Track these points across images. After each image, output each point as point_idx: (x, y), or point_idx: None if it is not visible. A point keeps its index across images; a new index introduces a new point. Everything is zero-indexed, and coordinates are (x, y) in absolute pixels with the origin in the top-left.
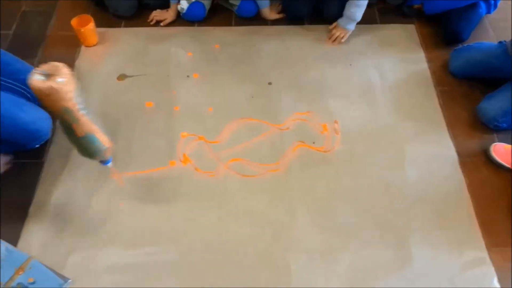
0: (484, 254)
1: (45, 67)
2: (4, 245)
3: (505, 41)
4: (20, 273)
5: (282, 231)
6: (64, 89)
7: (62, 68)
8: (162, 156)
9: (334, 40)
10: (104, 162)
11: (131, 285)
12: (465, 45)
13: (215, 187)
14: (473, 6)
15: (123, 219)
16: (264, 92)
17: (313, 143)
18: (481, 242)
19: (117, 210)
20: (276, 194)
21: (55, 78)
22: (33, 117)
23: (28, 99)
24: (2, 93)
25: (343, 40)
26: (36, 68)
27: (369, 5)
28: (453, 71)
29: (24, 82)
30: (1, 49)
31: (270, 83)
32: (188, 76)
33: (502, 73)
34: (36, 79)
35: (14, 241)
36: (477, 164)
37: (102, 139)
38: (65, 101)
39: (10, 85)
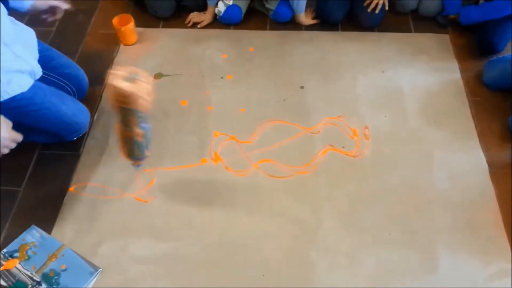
0: (510, 265)
1: (127, 70)
2: (39, 232)
3: None
4: (53, 259)
5: (307, 231)
6: (140, 95)
7: (144, 75)
8: (195, 153)
9: (373, 8)
10: (137, 166)
11: (159, 276)
12: (500, 56)
13: (245, 186)
14: (509, 18)
15: (155, 213)
16: (296, 96)
17: (343, 147)
18: (508, 254)
19: (149, 204)
20: (304, 195)
21: (137, 83)
22: (74, 110)
23: (69, 93)
24: (46, 86)
25: (377, 11)
26: (118, 69)
27: (403, 14)
28: (487, 82)
29: (66, 76)
30: (46, 44)
31: (302, 87)
32: (222, 77)
33: None
34: (120, 80)
35: (48, 229)
36: (507, 176)
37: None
38: (136, 104)
39: (53, 79)
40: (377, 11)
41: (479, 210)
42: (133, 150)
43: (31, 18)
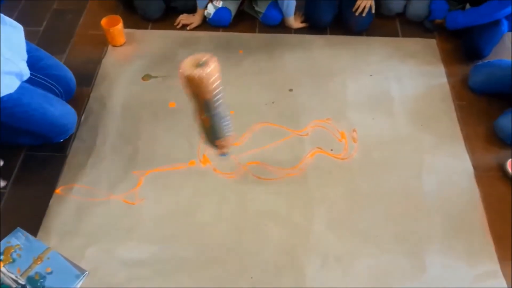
0: (496, 267)
1: (196, 57)
2: (24, 234)
3: None
4: (39, 262)
5: (298, 234)
6: (211, 80)
7: (211, 60)
8: (183, 155)
9: (360, 12)
10: (223, 154)
11: (147, 279)
12: (485, 61)
13: (233, 188)
14: (495, 24)
15: (142, 215)
16: (285, 98)
17: (331, 150)
18: (494, 256)
19: (137, 206)
20: (293, 197)
21: (206, 69)
22: (61, 112)
23: (56, 94)
24: (33, 87)
25: (364, 14)
26: (188, 58)
27: (391, 18)
28: (472, 87)
29: (54, 77)
30: (34, 45)
31: (291, 90)
32: None
33: None
34: (191, 69)
35: (34, 231)
36: (492, 179)
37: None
38: (208, 89)
39: (41, 80)
40: (364, 14)
41: (465, 213)
42: (216, 133)
43: (18, 17)
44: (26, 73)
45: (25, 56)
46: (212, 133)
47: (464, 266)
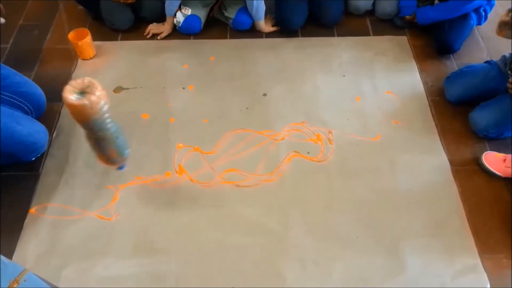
0: (476, 261)
1: (78, 84)
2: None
3: (493, 60)
4: (15, 285)
5: (276, 240)
6: (96, 105)
7: (95, 85)
8: (158, 167)
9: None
10: (121, 167)
11: None
12: (456, 71)
13: (210, 197)
14: (465, 18)
15: (119, 230)
16: (259, 103)
17: (308, 153)
18: (474, 250)
19: (113, 222)
20: (271, 204)
21: (89, 96)
22: (30, 130)
23: (26, 112)
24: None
25: None
26: (70, 84)
27: (361, 17)
28: (451, 99)
29: (22, 95)
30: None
31: (265, 94)
32: (183, 88)
33: (500, 92)
34: (71, 97)
35: (9, 254)
36: (469, 172)
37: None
38: (95, 114)
39: (8, 98)
40: None
41: (443, 208)
42: (123, 145)
43: None
44: None
45: None
46: (107, 152)
47: (444, 262)
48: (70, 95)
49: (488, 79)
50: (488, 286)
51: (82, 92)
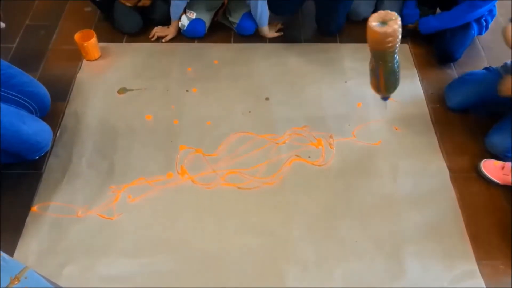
0: (474, 267)
1: (383, 14)
2: (1, 254)
3: (492, 67)
4: (16, 282)
5: (276, 243)
6: (394, 34)
7: (397, 20)
8: (160, 168)
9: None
10: (385, 98)
11: None
12: (457, 78)
13: (211, 199)
14: (466, 27)
15: (120, 230)
16: (261, 107)
17: (309, 157)
18: (471, 256)
19: (115, 221)
20: (271, 206)
21: (391, 26)
22: (34, 129)
23: (31, 111)
24: (5, 105)
25: None
26: (377, 13)
27: (363, 24)
28: (452, 107)
29: (28, 94)
30: (7, 62)
31: (267, 99)
32: (187, 90)
33: (501, 99)
34: (375, 24)
35: (11, 251)
36: (467, 179)
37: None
38: (389, 43)
39: (14, 97)
40: None
41: (442, 214)
42: (394, 82)
43: None
44: None
45: None
46: (391, 81)
47: (443, 267)
48: (375, 22)
49: (489, 86)
50: None
51: (384, 23)
